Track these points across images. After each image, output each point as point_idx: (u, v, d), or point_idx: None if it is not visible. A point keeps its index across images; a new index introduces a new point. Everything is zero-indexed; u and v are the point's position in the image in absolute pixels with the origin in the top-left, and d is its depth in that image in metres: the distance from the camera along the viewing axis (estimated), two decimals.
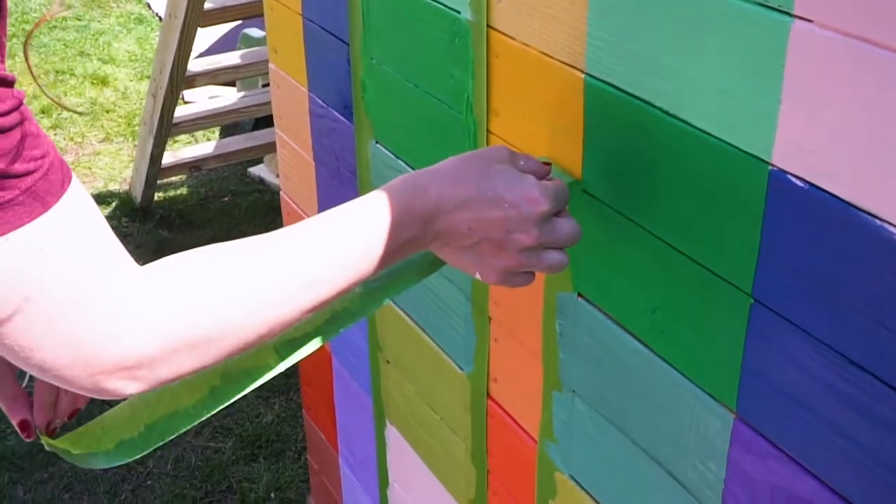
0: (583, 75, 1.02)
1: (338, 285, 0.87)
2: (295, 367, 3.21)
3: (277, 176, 4.07)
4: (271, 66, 1.78)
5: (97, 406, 1.95)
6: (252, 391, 0.98)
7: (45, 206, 0.72)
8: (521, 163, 0.95)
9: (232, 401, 0.96)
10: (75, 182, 0.75)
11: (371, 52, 1.41)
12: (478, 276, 0.94)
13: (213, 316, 0.81)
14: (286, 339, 0.97)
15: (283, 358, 0.97)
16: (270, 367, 0.96)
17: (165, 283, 0.80)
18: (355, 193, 1.55)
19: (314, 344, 0.98)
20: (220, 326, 0.81)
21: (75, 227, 0.74)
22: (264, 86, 4.05)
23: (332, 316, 0.99)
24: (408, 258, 0.96)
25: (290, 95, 1.73)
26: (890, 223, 0.74)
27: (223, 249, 0.84)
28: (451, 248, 0.93)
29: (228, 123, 4.14)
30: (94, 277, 0.75)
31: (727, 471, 0.97)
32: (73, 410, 1.06)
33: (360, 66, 1.45)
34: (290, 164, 1.83)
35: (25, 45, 0.97)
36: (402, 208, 0.89)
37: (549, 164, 0.99)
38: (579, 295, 1.12)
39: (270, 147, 3.83)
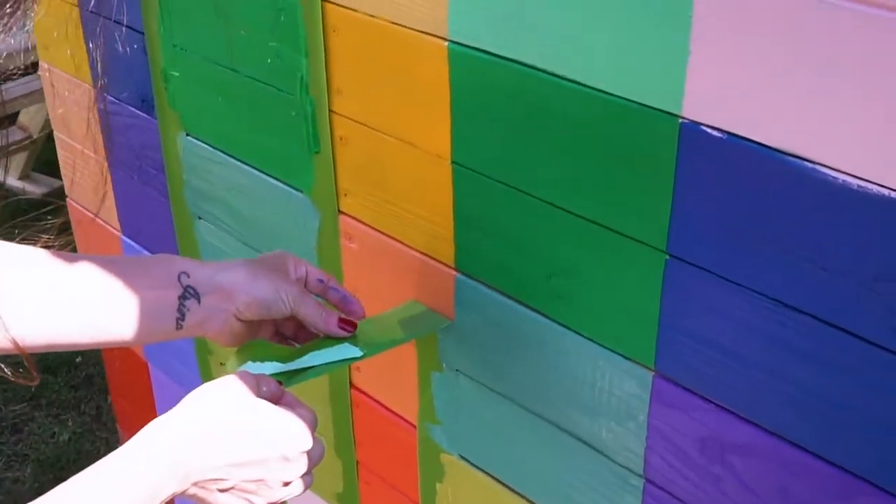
0: (446, 43, 0.96)
1: None
2: (84, 378, 2.97)
3: (19, 179, 3.80)
4: (43, 64, 1.61)
5: None
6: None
7: None
8: (265, 388, 0.92)
9: None
10: None
11: (173, 39, 1.29)
12: None
13: None
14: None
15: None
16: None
17: None
18: (163, 190, 1.43)
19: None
20: None
21: None
22: None
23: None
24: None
25: (70, 94, 1.58)
26: (822, 164, 0.73)
27: None
28: (208, 491, 0.89)
29: None
30: None
31: (648, 428, 0.95)
32: None
33: (160, 54, 1.33)
34: (74, 167, 1.68)
35: None
36: (157, 465, 0.84)
37: (281, 383, 0.96)
38: (458, 271, 1.08)
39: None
